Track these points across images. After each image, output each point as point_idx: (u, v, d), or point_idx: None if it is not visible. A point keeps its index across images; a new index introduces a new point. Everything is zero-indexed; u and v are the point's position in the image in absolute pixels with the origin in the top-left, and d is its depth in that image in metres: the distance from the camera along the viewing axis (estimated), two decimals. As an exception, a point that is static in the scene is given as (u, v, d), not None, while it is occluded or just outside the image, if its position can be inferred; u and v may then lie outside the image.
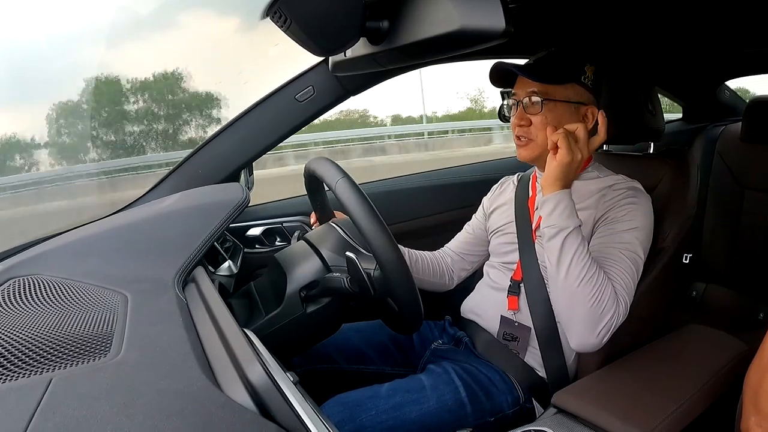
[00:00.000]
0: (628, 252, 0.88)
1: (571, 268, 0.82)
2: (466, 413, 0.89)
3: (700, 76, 1.91)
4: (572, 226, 0.83)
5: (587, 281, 0.81)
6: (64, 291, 0.68)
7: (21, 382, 0.46)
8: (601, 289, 0.82)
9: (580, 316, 0.83)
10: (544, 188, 0.87)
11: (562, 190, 0.86)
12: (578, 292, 0.82)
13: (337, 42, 0.73)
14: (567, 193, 0.86)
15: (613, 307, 0.82)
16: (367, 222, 0.72)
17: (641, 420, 0.73)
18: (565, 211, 0.84)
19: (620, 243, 0.89)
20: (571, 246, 0.83)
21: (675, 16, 1.16)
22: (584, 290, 0.81)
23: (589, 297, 0.81)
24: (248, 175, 1.32)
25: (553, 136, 0.86)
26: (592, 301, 0.81)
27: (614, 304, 0.83)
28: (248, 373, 0.49)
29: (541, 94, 0.94)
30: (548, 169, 0.87)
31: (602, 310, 0.82)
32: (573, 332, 0.85)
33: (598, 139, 0.88)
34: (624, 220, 0.91)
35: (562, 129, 0.87)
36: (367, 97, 8.74)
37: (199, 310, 0.66)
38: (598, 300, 0.81)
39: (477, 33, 0.58)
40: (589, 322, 0.82)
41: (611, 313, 0.82)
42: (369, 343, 1.08)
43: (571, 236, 0.83)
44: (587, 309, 0.82)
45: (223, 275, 1.02)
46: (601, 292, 0.82)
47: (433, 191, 1.57)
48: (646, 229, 0.91)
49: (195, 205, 0.90)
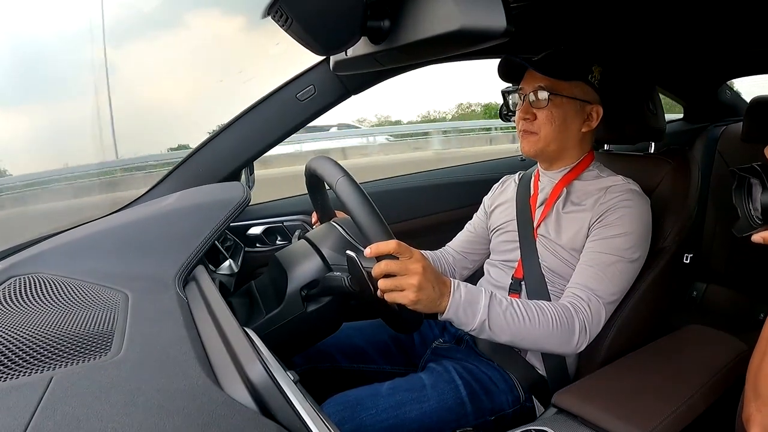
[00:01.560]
0: (614, 257, 0.90)
1: (514, 331, 0.81)
2: (466, 412, 0.89)
3: (701, 75, 1.91)
4: (485, 315, 0.79)
5: (537, 326, 0.82)
6: (65, 289, 0.68)
7: (22, 380, 0.46)
8: (552, 317, 0.84)
9: (551, 346, 0.86)
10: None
11: (444, 310, 0.77)
12: (536, 336, 0.83)
13: (338, 41, 0.73)
14: (451, 302, 0.77)
15: (575, 319, 0.85)
16: (368, 221, 0.72)
17: (641, 420, 0.73)
18: (466, 311, 0.78)
19: (608, 249, 0.90)
20: (497, 322, 0.80)
21: (676, 16, 1.16)
22: (540, 332, 0.83)
23: (549, 331, 0.83)
24: (249, 174, 1.32)
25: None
26: (554, 330, 0.83)
27: (574, 315, 0.85)
28: (249, 372, 0.49)
29: (548, 89, 0.95)
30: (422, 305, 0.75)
31: (567, 328, 0.84)
32: (558, 353, 0.89)
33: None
34: (615, 224, 0.91)
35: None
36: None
37: (199, 308, 0.66)
38: (556, 326, 0.83)
39: (478, 32, 0.58)
40: (565, 342, 0.85)
41: (576, 323, 0.85)
42: (370, 341, 1.08)
43: (491, 318, 0.79)
44: (555, 338, 0.84)
45: (223, 274, 1.02)
46: (554, 319, 0.84)
47: (434, 190, 1.57)
48: (638, 233, 0.91)
49: (196, 203, 0.90)
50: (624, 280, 0.91)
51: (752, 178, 0.63)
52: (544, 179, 1.06)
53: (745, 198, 0.64)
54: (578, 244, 0.95)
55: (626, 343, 0.95)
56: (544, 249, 0.99)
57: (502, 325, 0.80)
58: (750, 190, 0.64)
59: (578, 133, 0.99)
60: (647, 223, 0.94)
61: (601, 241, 0.91)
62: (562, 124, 0.97)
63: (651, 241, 0.96)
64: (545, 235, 0.99)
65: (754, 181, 0.63)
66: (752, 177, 0.63)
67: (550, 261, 0.97)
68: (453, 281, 0.79)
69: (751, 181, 0.63)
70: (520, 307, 0.83)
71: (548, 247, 0.98)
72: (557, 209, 0.99)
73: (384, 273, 0.72)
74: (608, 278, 0.89)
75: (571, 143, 1.00)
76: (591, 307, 0.87)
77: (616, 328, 0.94)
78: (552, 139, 0.97)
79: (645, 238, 0.93)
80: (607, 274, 0.89)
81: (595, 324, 0.87)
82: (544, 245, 0.99)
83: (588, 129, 1.00)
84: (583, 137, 1.01)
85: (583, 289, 0.89)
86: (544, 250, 0.99)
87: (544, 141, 0.97)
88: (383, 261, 0.72)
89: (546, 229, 0.99)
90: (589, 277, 0.89)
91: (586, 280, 0.89)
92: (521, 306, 0.83)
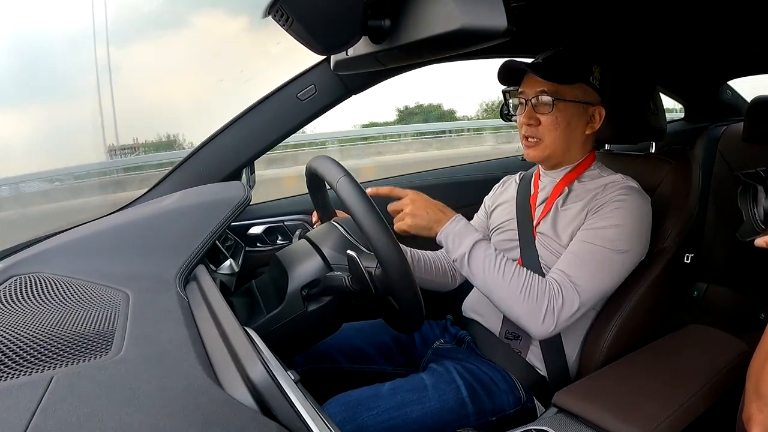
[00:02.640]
0: (598, 247, 0.89)
1: (487, 277, 0.89)
2: (467, 413, 0.89)
3: (702, 75, 1.91)
4: (467, 250, 0.89)
5: (508, 282, 0.87)
6: (66, 289, 0.68)
7: (22, 380, 0.46)
8: (526, 284, 0.87)
9: (517, 312, 0.88)
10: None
11: (438, 231, 0.92)
12: (504, 293, 0.88)
13: (338, 41, 0.73)
14: (444, 229, 0.92)
15: (545, 296, 0.86)
16: (368, 220, 0.72)
17: (642, 420, 0.73)
18: (454, 240, 0.90)
19: (594, 238, 0.90)
20: (476, 262, 0.89)
21: (677, 16, 1.16)
22: (509, 290, 0.87)
23: (517, 293, 0.87)
24: (250, 173, 1.32)
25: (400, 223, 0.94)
26: (522, 296, 0.86)
27: (547, 292, 0.87)
28: (249, 372, 0.49)
29: (551, 93, 0.94)
30: (414, 230, 0.93)
31: (535, 300, 0.86)
32: (522, 325, 0.89)
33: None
34: (606, 217, 0.91)
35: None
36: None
37: (200, 308, 0.66)
38: (527, 293, 0.86)
39: (479, 32, 0.58)
40: (529, 314, 0.86)
41: (546, 301, 0.86)
42: (370, 342, 1.08)
43: (472, 255, 0.89)
44: (520, 303, 0.87)
45: (224, 273, 1.02)
46: (527, 285, 0.87)
47: (434, 191, 1.55)
48: (629, 226, 0.90)
49: (196, 203, 0.90)
50: (607, 271, 0.90)
51: (757, 184, 0.63)
52: (545, 179, 1.06)
53: (750, 203, 0.64)
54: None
55: (627, 343, 0.95)
56: (543, 247, 0.98)
57: (478, 266, 0.89)
58: (755, 195, 0.64)
59: (582, 135, 0.99)
60: (643, 220, 0.93)
61: (589, 231, 0.91)
62: (567, 128, 0.96)
63: (651, 241, 0.95)
64: (545, 233, 0.99)
65: (759, 186, 0.63)
66: (757, 183, 0.63)
67: (549, 259, 0.97)
68: (457, 215, 0.92)
69: (757, 187, 0.63)
70: (501, 261, 0.89)
71: (547, 245, 0.98)
72: (556, 207, 0.99)
73: (395, 212, 0.95)
74: (587, 267, 0.88)
75: (575, 146, 1.00)
76: (563, 291, 0.87)
77: (617, 328, 0.94)
78: (557, 145, 0.97)
79: (638, 233, 0.92)
80: (586, 262, 0.89)
81: (566, 310, 0.87)
82: (543, 243, 0.99)
83: (591, 131, 1.00)
84: (586, 139, 1.01)
85: (559, 273, 0.89)
86: (543, 248, 0.98)
87: (551, 148, 0.97)
88: (391, 203, 0.95)
89: (546, 228, 0.99)
90: (567, 263, 0.90)
91: (565, 266, 0.90)
92: (502, 261, 0.89)
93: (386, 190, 0.96)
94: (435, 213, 0.91)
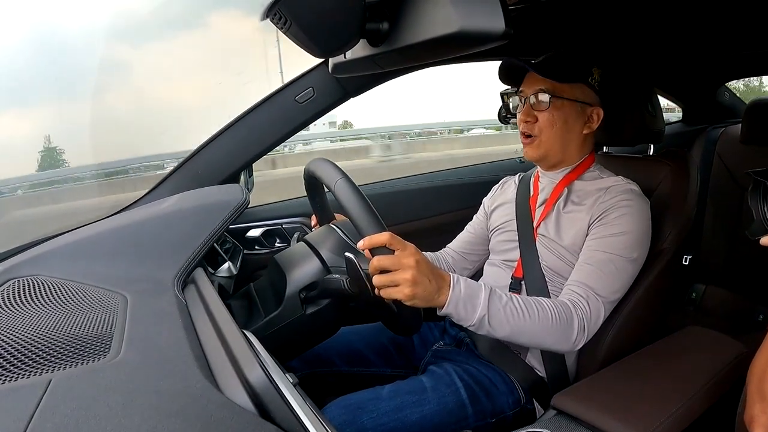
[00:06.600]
0: (613, 256, 0.90)
1: (514, 327, 0.80)
2: (467, 414, 0.89)
3: (700, 77, 1.91)
4: (485, 311, 0.78)
5: (537, 321, 0.81)
6: (64, 292, 0.68)
7: (20, 382, 0.46)
8: (552, 313, 0.83)
9: (550, 343, 0.84)
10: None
11: (443, 304, 0.76)
12: (535, 331, 0.82)
13: (337, 43, 0.73)
14: (451, 296, 0.76)
15: (574, 316, 0.84)
16: (366, 222, 0.72)
17: (640, 422, 0.73)
18: (466, 306, 0.77)
19: (607, 247, 0.90)
20: (496, 317, 0.79)
21: (675, 18, 1.16)
22: (541, 327, 0.82)
23: (549, 327, 0.82)
24: (248, 176, 1.32)
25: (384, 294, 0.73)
26: (553, 327, 0.82)
27: (573, 312, 0.85)
28: (247, 374, 0.49)
29: (549, 91, 0.95)
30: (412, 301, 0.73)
31: (566, 325, 0.84)
32: (554, 350, 0.88)
33: None
34: (615, 224, 0.91)
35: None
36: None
37: (198, 311, 0.66)
38: (555, 322, 0.83)
39: (477, 35, 0.58)
40: (562, 340, 0.84)
41: (576, 321, 0.84)
42: (369, 345, 1.08)
43: (491, 312, 0.78)
44: (552, 335, 0.83)
45: (222, 276, 1.02)
46: (553, 315, 0.83)
47: (433, 192, 1.57)
48: (637, 233, 0.91)
49: (195, 206, 0.90)
50: (622, 279, 0.91)
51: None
52: (544, 180, 1.06)
53: (761, 201, 0.64)
54: (578, 244, 0.95)
55: (625, 345, 0.95)
56: (543, 248, 0.99)
57: (502, 321, 0.79)
58: (765, 194, 0.64)
59: (579, 135, 1.00)
60: (646, 224, 0.94)
61: (600, 240, 0.91)
62: (563, 126, 0.97)
63: (650, 243, 0.96)
64: (545, 235, 0.99)
65: None
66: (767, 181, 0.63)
67: (549, 260, 0.97)
68: (452, 276, 0.78)
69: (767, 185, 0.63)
70: (520, 302, 0.82)
71: (548, 246, 0.98)
72: (558, 209, 0.99)
73: (378, 269, 0.71)
74: (607, 277, 0.89)
75: (573, 145, 1.00)
76: (590, 304, 0.87)
77: (616, 329, 0.94)
78: (554, 142, 0.98)
79: (644, 238, 0.93)
80: (606, 272, 0.89)
81: (594, 322, 0.87)
82: (544, 245, 0.99)
83: (589, 131, 1.00)
84: (585, 139, 1.01)
85: (581, 286, 0.89)
86: (543, 249, 0.99)
87: (547, 145, 0.98)
88: (377, 256, 0.70)
89: (546, 229, 0.99)
90: (587, 274, 0.89)
91: (585, 278, 0.89)
92: (521, 301, 0.82)
93: (385, 239, 0.70)
94: (436, 279, 0.74)
